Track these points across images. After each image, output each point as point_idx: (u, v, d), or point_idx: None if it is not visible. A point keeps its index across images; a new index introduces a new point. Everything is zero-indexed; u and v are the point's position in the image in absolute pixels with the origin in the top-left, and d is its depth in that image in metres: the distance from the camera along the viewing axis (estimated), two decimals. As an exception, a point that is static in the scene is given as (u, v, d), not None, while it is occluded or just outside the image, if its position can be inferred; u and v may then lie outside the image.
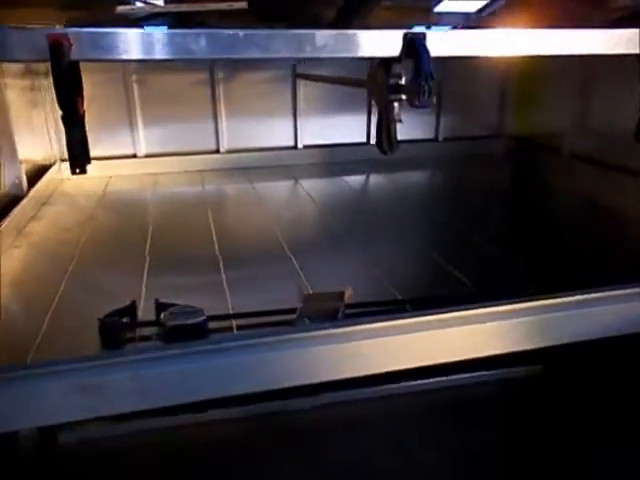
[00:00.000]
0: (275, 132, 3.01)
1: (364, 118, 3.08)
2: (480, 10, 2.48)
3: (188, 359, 1.05)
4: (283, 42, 1.03)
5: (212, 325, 1.27)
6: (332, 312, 1.31)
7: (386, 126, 1.12)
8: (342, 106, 3.02)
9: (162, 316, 1.28)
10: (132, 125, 2.81)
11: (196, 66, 2.76)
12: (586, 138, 2.68)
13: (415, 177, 3.04)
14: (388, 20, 2.37)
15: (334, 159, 3.06)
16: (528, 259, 1.74)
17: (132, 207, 2.38)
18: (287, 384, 1.14)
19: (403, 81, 1.07)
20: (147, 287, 1.54)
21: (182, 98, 2.79)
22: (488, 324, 1.23)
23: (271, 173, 2.89)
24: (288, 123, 3.01)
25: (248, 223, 2.20)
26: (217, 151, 2.92)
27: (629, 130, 1.34)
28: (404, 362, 1.19)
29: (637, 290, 1.27)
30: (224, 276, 1.61)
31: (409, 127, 3.05)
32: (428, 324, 1.19)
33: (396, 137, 1.12)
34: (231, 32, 0.99)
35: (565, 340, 1.24)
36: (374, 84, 1.12)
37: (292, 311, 1.34)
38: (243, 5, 1.93)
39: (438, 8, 2.39)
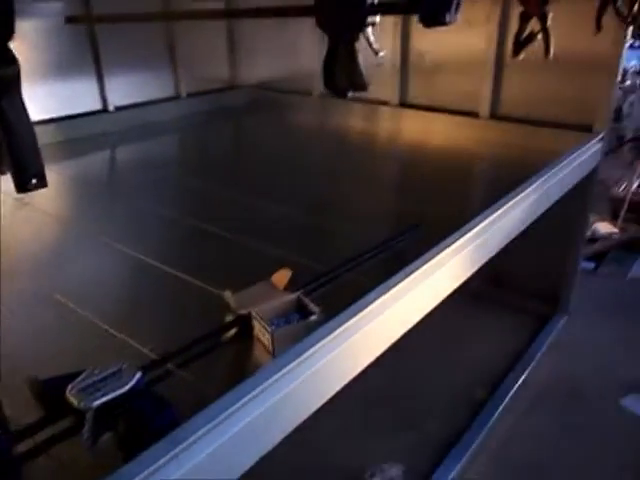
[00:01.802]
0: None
1: (94, 81, 2.52)
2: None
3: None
4: None
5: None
6: (295, 305, 1.01)
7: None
8: (65, 69, 2.39)
9: (70, 397, 0.78)
10: None
11: None
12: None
13: (164, 144, 2.66)
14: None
15: (65, 136, 2.42)
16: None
17: None
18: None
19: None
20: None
21: None
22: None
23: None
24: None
25: None
26: None
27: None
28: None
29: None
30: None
31: (145, 86, 2.73)
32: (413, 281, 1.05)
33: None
34: None
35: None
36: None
37: (229, 327, 0.99)
38: None
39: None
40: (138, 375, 0.82)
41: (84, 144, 2.40)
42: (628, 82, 4.78)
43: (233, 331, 0.99)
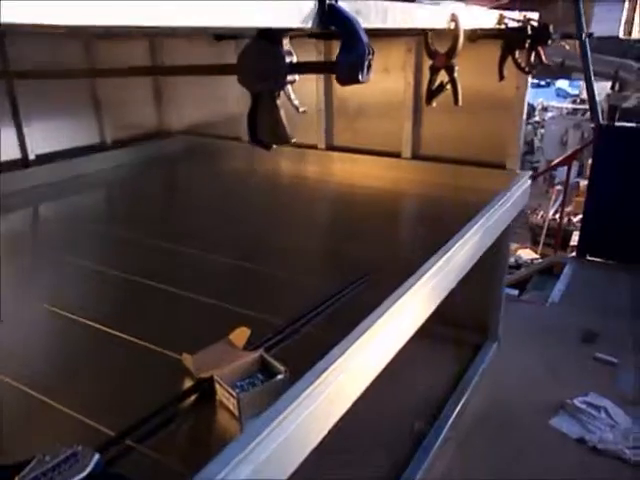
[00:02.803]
0: None
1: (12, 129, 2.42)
2: None
3: None
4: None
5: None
6: (258, 365, 1.00)
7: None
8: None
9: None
10: None
11: None
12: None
13: (97, 196, 2.60)
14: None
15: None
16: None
17: None
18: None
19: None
20: None
21: None
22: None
23: None
24: None
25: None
26: None
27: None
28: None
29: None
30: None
31: (69, 134, 2.65)
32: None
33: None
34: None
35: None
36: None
37: (187, 395, 0.96)
38: None
39: None
40: (96, 457, 0.77)
41: (7, 200, 2.29)
42: (537, 118, 5.16)
43: (194, 397, 0.96)
